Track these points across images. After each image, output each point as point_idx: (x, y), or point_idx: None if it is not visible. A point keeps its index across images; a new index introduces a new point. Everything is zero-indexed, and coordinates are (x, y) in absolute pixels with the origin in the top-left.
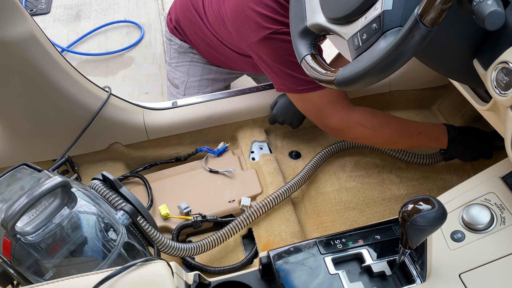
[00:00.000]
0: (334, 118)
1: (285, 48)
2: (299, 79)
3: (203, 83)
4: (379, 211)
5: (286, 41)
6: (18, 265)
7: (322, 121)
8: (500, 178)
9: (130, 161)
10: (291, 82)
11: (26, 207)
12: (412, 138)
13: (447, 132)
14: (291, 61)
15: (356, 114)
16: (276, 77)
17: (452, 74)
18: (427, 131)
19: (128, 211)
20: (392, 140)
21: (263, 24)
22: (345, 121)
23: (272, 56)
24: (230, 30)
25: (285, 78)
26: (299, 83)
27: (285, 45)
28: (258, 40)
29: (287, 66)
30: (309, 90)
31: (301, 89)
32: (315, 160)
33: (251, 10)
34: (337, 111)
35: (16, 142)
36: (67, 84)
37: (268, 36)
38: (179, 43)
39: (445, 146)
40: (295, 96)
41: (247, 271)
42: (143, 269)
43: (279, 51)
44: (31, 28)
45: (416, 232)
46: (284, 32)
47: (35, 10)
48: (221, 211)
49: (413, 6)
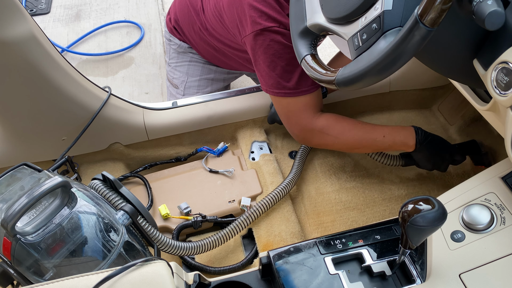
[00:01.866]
0: (299, 125)
1: (272, 47)
2: (276, 82)
3: (202, 83)
4: (379, 211)
5: (274, 40)
6: (18, 265)
7: (288, 127)
8: (500, 178)
9: (130, 161)
10: (269, 83)
11: (26, 207)
12: (376, 142)
13: (415, 134)
14: (274, 62)
15: (320, 122)
16: (260, 76)
17: (452, 74)
18: (391, 133)
19: (128, 211)
20: (356, 145)
21: (257, 19)
22: (308, 129)
23: (259, 53)
24: (227, 24)
25: (266, 78)
26: (275, 86)
27: (272, 44)
28: (251, 34)
29: (270, 65)
30: (282, 94)
31: (276, 92)
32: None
33: (247, 3)
34: (302, 120)
35: (16, 142)
36: (67, 84)
37: (260, 32)
38: (178, 43)
39: (412, 148)
40: (272, 97)
41: (247, 271)
42: (143, 269)
43: (266, 49)
44: (31, 28)
45: (416, 232)
46: (276, 30)
47: (35, 10)
48: (221, 211)
49: (413, 6)
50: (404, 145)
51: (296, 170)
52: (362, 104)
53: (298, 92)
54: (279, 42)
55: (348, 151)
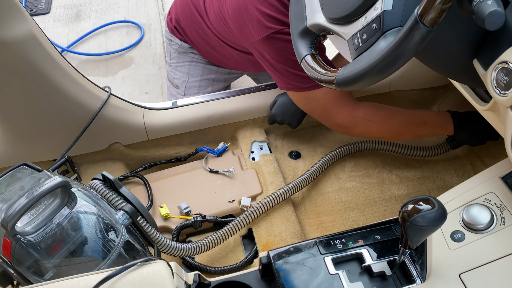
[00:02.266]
0: (341, 114)
1: (288, 48)
2: (304, 77)
3: (203, 83)
4: (379, 211)
5: (288, 41)
6: (18, 265)
7: (328, 119)
8: (500, 178)
9: (130, 161)
10: (295, 81)
11: (26, 207)
12: (418, 128)
13: (452, 118)
14: (294, 60)
15: (361, 110)
16: (280, 76)
17: (452, 74)
18: (432, 119)
19: (128, 211)
20: (399, 132)
21: (266, 23)
22: (352, 117)
23: (275, 56)
24: (232, 28)
25: (289, 77)
26: (304, 81)
27: (288, 44)
28: (261, 40)
29: (291, 65)
30: (314, 87)
31: (306, 87)
32: (319, 164)
33: (254, 8)
34: (343, 108)
35: (16, 142)
36: (67, 84)
37: (271, 36)
38: (179, 43)
39: (452, 132)
40: (299, 94)
41: (247, 271)
42: (143, 269)
43: (282, 51)
44: (31, 28)
45: (416, 232)
46: (287, 32)
47: (35, 10)
48: (221, 211)
49: (413, 6)
50: (444, 130)
51: (309, 176)
52: None
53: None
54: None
55: (390, 138)
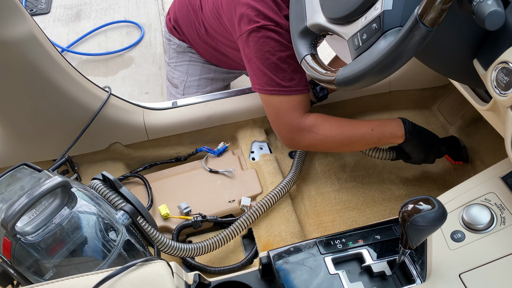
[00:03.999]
0: (288, 125)
1: (267, 44)
2: (270, 79)
3: (202, 83)
4: (379, 211)
5: (270, 37)
6: (18, 265)
7: (276, 127)
8: (500, 178)
9: (130, 161)
10: (262, 81)
11: (26, 207)
12: (365, 137)
13: (402, 124)
14: (268, 59)
15: (308, 122)
16: (254, 76)
17: (452, 74)
18: (379, 126)
19: (128, 211)
20: (345, 142)
21: (253, 18)
22: (297, 129)
23: (253, 50)
24: (225, 21)
25: (259, 76)
26: (269, 84)
27: (268, 41)
28: (246, 33)
29: (264, 62)
30: (275, 92)
31: (269, 90)
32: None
33: (245, 2)
34: (292, 119)
35: (16, 142)
36: (67, 84)
37: (255, 29)
38: (177, 43)
39: (402, 139)
40: (263, 97)
41: (247, 271)
42: (143, 269)
43: (261, 46)
44: (31, 28)
45: (416, 232)
46: (272, 29)
47: (35, 10)
48: (221, 211)
49: (413, 6)
50: (394, 136)
51: (296, 169)
52: (362, 104)
53: (293, 91)
54: (274, 39)
55: (338, 150)
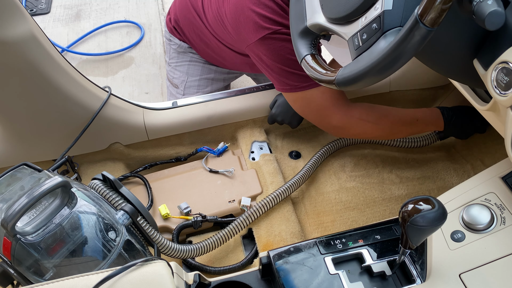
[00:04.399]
0: (337, 115)
1: (285, 48)
2: (302, 76)
3: (202, 83)
4: (379, 211)
5: (285, 40)
6: (18, 265)
7: (324, 119)
8: (500, 178)
9: (130, 161)
10: (293, 80)
11: (26, 207)
12: (411, 126)
13: (441, 115)
14: (291, 59)
15: (357, 110)
16: (278, 76)
17: (452, 74)
18: (423, 116)
19: (128, 211)
20: (393, 131)
21: (263, 24)
22: (348, 118)
23: (271, 56)
24: (230, 30)
25: (287, 77)
26: (302, 80)
27: (285, 44)
28: (257, 41)
29: (288, 64)
30: (312, 86)
31: (303, 86)
32: (314, 159)
33: (251, 11)
34: (339, 108)
35: (16, 142)
36: (67, 84)
37: (268, 36)
38: (178, 43)
39: (442, 128)
40: (296, 95)
41: (247, 271)
42: (143, 269)
43: (279, 51)
44: (31, 28)
45: (416, 232)
46: (283, 32)
47: (35, 10)
48: (221, 211)
49: (413, 6)
50: (435, 126)
51: (304, 173)
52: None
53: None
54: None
55: (384, 138)
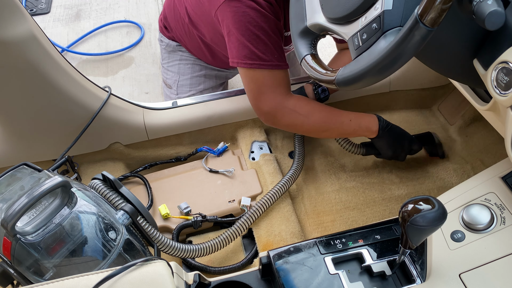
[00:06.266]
0: (271, 102)
1: (247, 15)
2: (251, 52)
3: (194, 81)
4: (379, 211)
5: (251, 7)
6: (18, 265)
7: (259, 103)
8: (500, 178)
9: (130, 161)
10: (242, 54)
11: (26, 207)
12: (342, 125)
13: (377, 120)
14: (250, 30)
15: (291, 101)
16: (234, 49)
17: (452, 74)
18: (357, 118)
19: (128, 211)
20: (324, 127)
21: None
22: (281, 107)
23: (232, 21)
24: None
25: (239, 49)
26: (250, 57)
27: (249, 11)
28: (224, 3)
29: (245, 34)
30: (256, 66)
31: (249, 63)
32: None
33: None
34: (276, 96)
35: (16, 142)
36: (67, 84)
37: None
38: (167, 42)
39: (375, 134)
40: (244, 71)
41: (247, 271)
42: (143, 269)
43: (241, 16)
44: (31, 28)
45: (416, 232)
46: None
47: (35, 10)
48: (221, 211)
49: (413, 6)
50: (368, 130)
51: (296, 168)
52: (362, 104)
53: (275, 65)
54: (255, 9)
55: (314, 134)
